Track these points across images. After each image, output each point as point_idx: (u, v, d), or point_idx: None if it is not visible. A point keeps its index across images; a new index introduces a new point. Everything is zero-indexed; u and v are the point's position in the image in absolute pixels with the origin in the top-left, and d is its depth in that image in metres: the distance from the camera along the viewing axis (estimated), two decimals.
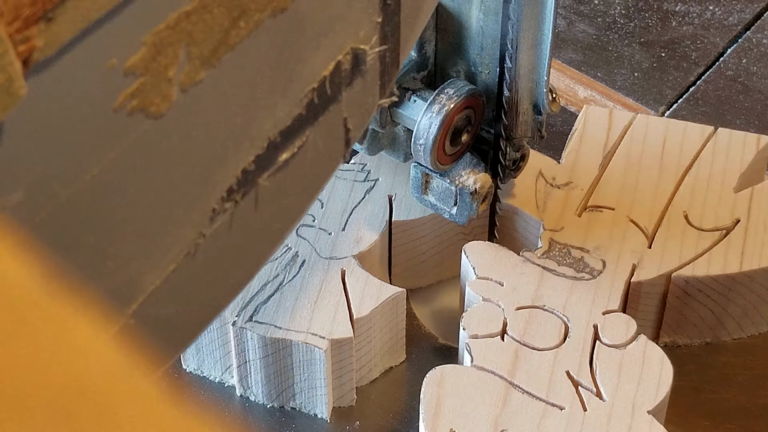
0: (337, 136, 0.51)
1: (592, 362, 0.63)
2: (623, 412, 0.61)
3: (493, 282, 0.67)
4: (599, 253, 0.68)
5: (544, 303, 0.66)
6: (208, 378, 0.70)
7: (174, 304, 0.44)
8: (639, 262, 0.68)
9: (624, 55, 0.89)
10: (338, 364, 0.66)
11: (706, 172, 0.72)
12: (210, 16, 0.39)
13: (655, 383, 0.62)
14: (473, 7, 0.63)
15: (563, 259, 0.68)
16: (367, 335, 0.67)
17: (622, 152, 0.74)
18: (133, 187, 0.39)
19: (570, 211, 0.70)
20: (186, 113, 0.40)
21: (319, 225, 0.70)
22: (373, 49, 0.51)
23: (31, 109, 0.33)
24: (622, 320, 0.65)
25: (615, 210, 0.70)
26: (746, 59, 0.89)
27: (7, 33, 0.31)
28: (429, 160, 0.64)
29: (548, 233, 0.69)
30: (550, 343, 0.64)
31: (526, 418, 0.61)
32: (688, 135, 0.75)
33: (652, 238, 0.69)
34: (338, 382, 0.67)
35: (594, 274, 0.67)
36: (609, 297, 0.66)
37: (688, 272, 0.67)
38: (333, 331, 0.65)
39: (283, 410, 0.69)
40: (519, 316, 0.65)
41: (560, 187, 0.71)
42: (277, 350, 0.65)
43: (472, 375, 0.63)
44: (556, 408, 0.61)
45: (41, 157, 0.35)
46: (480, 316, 0.65)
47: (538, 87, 0.64)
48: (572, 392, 0.62)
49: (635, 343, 0.64)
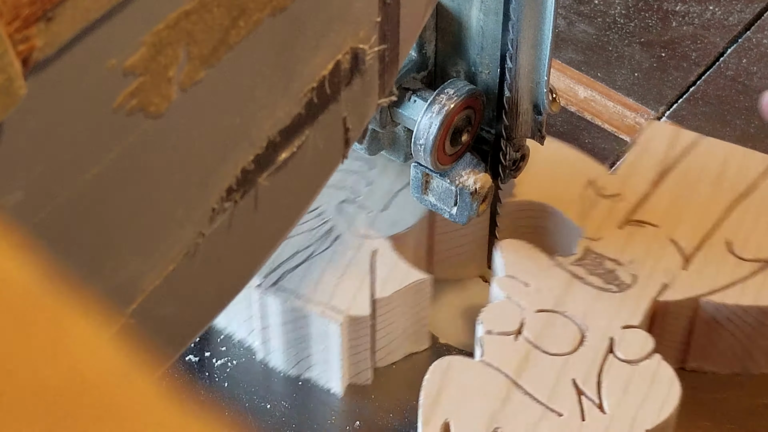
0: (337, 136, 0.51)
1: (601, 374, 0.63)
2: (621, 427, 0.60)
3: (519, 281, 0.66)
4: (632, 267, 0.67)
5: (566, 309, 0.65)
6: (233, 338, 0.70)
7: (174, 304, 0.44)
8: (670, 282, 0.66)
9: (624, 55, 0.89)
10: (355, 341, 0.67)
11: (758, 202, 0.70)
12: (210, 15, 0.39)
13: (660, 403, 0.61)
14: (473, 7, 0.63)
15: (595, 269, 0.67)
16: (388, 317, 0.67)
17: (679, 171, 0.72)
18: (133, 186, 0.39)
19: (612, 222, 0.69)
20: (185, 113, 0.40)
21: (361, 203, 0.71)
22: (373, 49, 0.51)
23: (31, 109, 0.33)
24: (640, 336, 0.64)
25: (658, 227, 0.69)
26: (746, 59, 0.89)
27: (7, 33, 0.30)
28: (429, 160, 0.64)
29: (586, 241, 0.68)
30: (562, 349, 0.64)
31: (522, 420, 0.61)
32: (748, 162, 0.73)
33: (689, 260, 0.67)
34: (354, 359, 0.68)
35: (622, 287, 0.66)
36: (632, 312, 0.65)
37: (718, 299, 0.65)
38: (351, 308, 0.65)
39: (299, 380, 0.69)
40: (537, 319, 0.65)
41: (607, 198, 0.70)
42: (297, 319, 0.66)
43: (477, 369, 0.63)
44: (555, 414, 0.61)
45: (41, 157, 0.35)
46: (498, 313, 0.65)
47: (538, 87, 0.64)
48: (574, 400, 0.62)
49: (648, 361, 0.63)
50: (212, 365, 0.70)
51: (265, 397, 0.69)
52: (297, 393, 0.69)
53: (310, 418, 0.68)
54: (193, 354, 0.71)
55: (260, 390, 0.69)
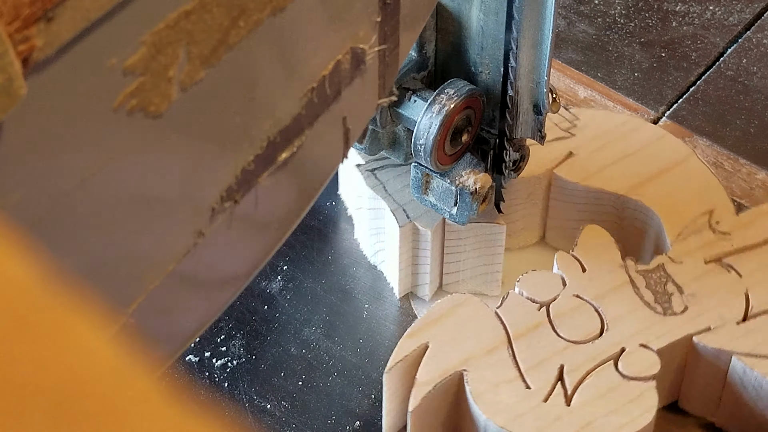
0: (337, 136, 0.51)
1: (590, 373, 0.62)
2: (572, 422, 0.60)
3: (578, 263, 0.67)
4: (690, 300, 0.65)
5: (602, 306, 0.65)
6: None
7: (174, 304, 0.44)
8: (716, 328, 0.64)
9: (624, 55, 0.89)
10: (417, 251, 0.70)
11: None
12: (209, 15, 0.39)
13: (623, 421, 0.60)
14: (473, 7, 0.63)
15: (654, 285, 0.66)
16: (458, 246, 0.70)
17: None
18: (133, 186, 0.39)
19: (702, 255, 0.68)
20: (186, 113, 0.40)
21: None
22: (373, 49, 0.51)
23: (31, 109, 0.33)
24: (649, 358, 0.63)
25: (742, 278, 0.67)
26: (746, 59, 0.89)
27: (7, 32, 0.30)
28: (429, 160, 0.64)
29: (664, 258, 0.68)
30: (572, 336, 0.64)
31: (491, 374, 0.62)
32: None
33: (748, 318, 0.65)
34: (415, 269, 0.72)
35: (667, 312, 0.65)
36: (659, 336, 0.64)
37: (749, 363, 0.63)
38: (420, 219, 0.69)
39: (365, 259, 0.76)
40: (570, 302, 0.65)
41: (716, 233, 0.69)
42: (377, 209, 0.71)
43: (485, 315, 0.64)
44: (523, 384, 0.62)
45: (41, 157, 0.35)
46: (540, 281, 0.66)
47: (538, 87, 0.64)
48: (550, 382, 0.62)
49: (640, 383, 0.62)
50: (212, 365, 0.70)
51: (265, 397, 0.69)
52: (297, 393, 0.69)
53: (310, 418, 0.68)
54: (193, 354, 0.71)
55: (260, 390, 0.69)
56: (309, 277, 0.75)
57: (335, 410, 0.68)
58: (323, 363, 0.70)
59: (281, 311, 0.73)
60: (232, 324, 0.72)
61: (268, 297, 0.74)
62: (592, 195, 0.72)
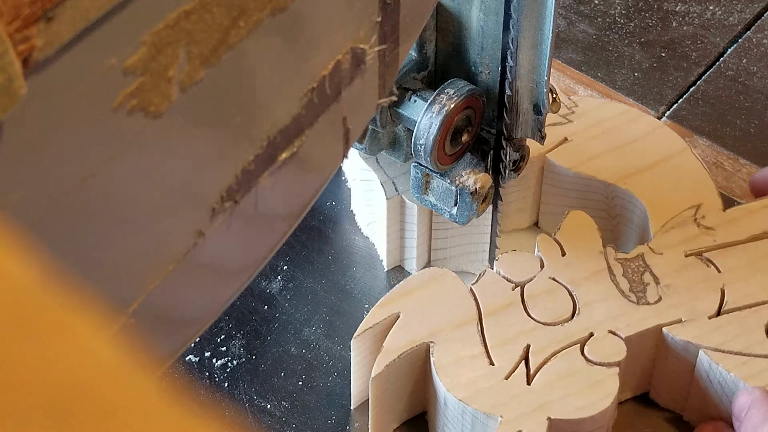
0: (337, 136, 0.51)
1: (555, 355, 0.63)
2: (531, 401, 0.60)
3: (558, 247, 0.67)
4: (665, 291, 0.66)
5: (576, 290, 0.66)
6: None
7: (174, 303, 0.44)
8: (687, 321, 0.64)
9: (624, 55, 0.89)
10: (405, 224, 0.72)
11: None
12: (210, 15, 0.39)
13: (580, 404, 0.60)
14: (473, 7, 0.63)
15: (631, 274, 0.66)
16: (444, 222, 0.71)
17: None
18: (133, 186, 0.39)
19: (683, 247, 0.68)
20: (185, 113, 0.40)
21: None
22: (373, 49, 0.51)
23: (31, 108, 0.33)
24: (615, 345, 0.63)
25: (720, 273, 0.67)
26: (746, 59, 0.89)
27: (7, 32, 0.30)
28: (429, 160, 0.64)
29: (645, 248, 0.68)
30: (543, 317, 0.64)
31: (456, 349, 0.62)
32: None
33: (719, 314, 0.65)
34: (402, 242, 0.73)
35: (641, 301, 0.65)
36: (629, 324, 0.64)
37: (715, 357, 0.63)
38: (407, 193, 0.70)
39: (366, 241, 0.77)
40: (544, 284, 0.66)
41: (700, 227, 0.69)
42: (368, 180, 0.73)
43: (459, 291, 0.65)
44: (488, 360, 0.62)
45: (41, 157, 0.35)
46: (517, 261, 0.67)
47: (538, 87, 0.64)
48: (513, 361, 0.62)
49: (603, 368, 0.62)
50: (212, 365, 0.70)
51: (265, 397, 0.69)
52: (297, 393, 0.69)
53: (310, 418, 0.68)
54: (193, 354, 0.71)
55: (260, 390, 0.69)
56: (309, 277, 0.75)
57: (335, 410, 0.68)
58: (323, 363, 0.70)
59: (281, 311, 0.73)
60: (232, 324, 0.72)
61: (268, 297, 0.74)
62: (583, 182, 0.73)
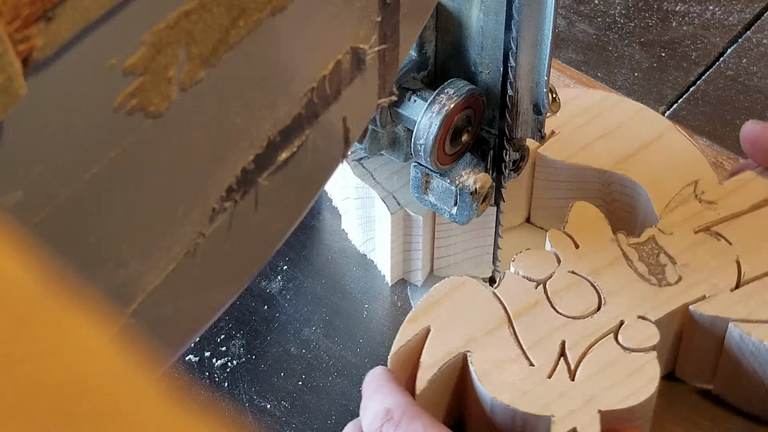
0: (337, 136, 0.51)
1: (592, 347, 0.63)
2: (577, 396, 0.61)
3: (570, 240, 0.67)
4: (683, 270, 0.66)
5: (597, 280, 0.66)
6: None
7: (174, 304, 0.44)
8: (711, 296, 0.65)
9: (624, 55, 0.89)
10: (409, 238, 0.71)
11: None
12: (210, 15, 0.39)
13: (627, 393, 0.61)
14: (473, 7, 0.63)
15: (647, 257, 0.67)
16: (448, 230, 0.71)
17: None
18: (133, 186, 0.39)
19: (691, 224, 0.68)
20: (185, 112, 0.40)
21: None
22: (373, 49, 0.51)
23: (31, 108, 0.33)
24: (648, 329, 0.63)
25: (731, 246, 0.67)
26: (746, 59, 0.89)
27: (7, 32, 0.30)
28: (429, 160, 0.64)
29: (654, 230, 0.68)
30: (571, 312, 0.64)
31: (494, 354, 0.62)
32: None
33: (741, 285, 0.65)
34: (407, 255, 0.73)
35: (662, 283, 0.65)
36: (656, 307, 0.64)
37: (746, 328, 0.63)
38: (410, 205, 0.69)
39: (365, 258, 0.76)
40: (566, 278, 0.66)
41: (702, 202, 0.70)
42: (366, 198, 0.72)
43: (484, 296, 0.65)
44: (527, 361, 0.62)
45: (41, 157, 0.35)
46: (534, 259, 0.67)
47: (538, 87, 0.64)
48: (552, 358, 0.62)
49: (641, 354, 0.62)
50: (212, 365, 0.70)
51: (265, 397, 0.69)
52: (297, 393, 0.69)
53: (310, 418, 0.68)
54: (193, 354, 0.71)
55: (260, 390, 0.69)
56: (309, 277, 0.75)
57: (335, 410, 0.68)
58: (323, 363, 0.70)
59: (281, 311, 0.73)
60: (232, 324, 0.72)
61: (268, 297, 0.74)
62: (578, 172, 0.73)
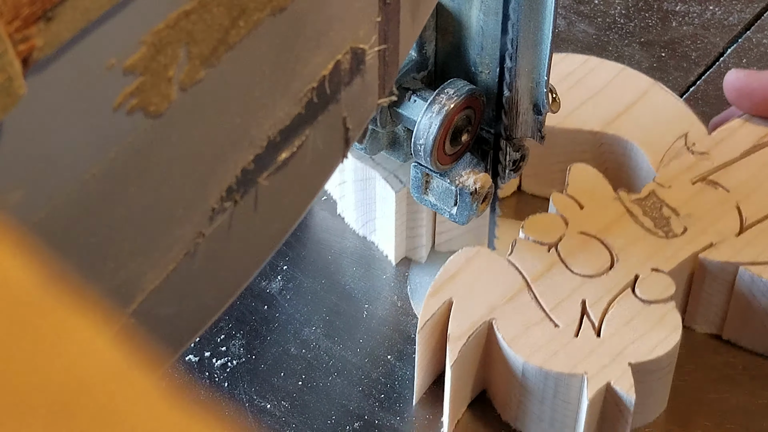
0: (337, 136, 0.51)
1: (612, 303, 0.64)
2: (607, 352, 0.62)
3: (575, 202, 0.68)
4: (688, 220, 0.68)
5: (607, 238, 0.67)
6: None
7: (174, 303, 0.44)
8: (718, 243, 0.67)
9: (624, 55, 0.89)
10: (413, 215, 0.72)
11: None
12: (210, 15, 0.39)
13: (654, 344, 0.62)
14: (473, 7, 0.63)
15: (651, 212, 0.68)
16: None
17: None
18: (133, 186, 0.39)
19: (688, 176, 0.70)
20: (185, 112, 0.40)
21: None
22: (373, 49, 0.51)
23: (31, 108, 0.33)
24: (664, 280, 0.65)
25: (729, 192, 0.69)
26: (746, 59, 0.89)
27: (7, 32, 0.31)
28: (429, 160, 0.64)
29: (654, 185, 0.70)
30: (586, 271, 0.65)
31: (519, 319, 0.63)
32: None
33: (744, 229, 0.68)
34: (411, 233, 0.73)
35: (669, 235, 0.67)
36: (667, 258, 0.66)
37: (756, 271, 0.66)
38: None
39: (365, 240, 0.76)
40: (576, 239, 0.67)
41: (694, 153, 0.72)
42: (366, 179, 0.72)
43: (500, 264, 0.66)
44: (552, 323, 0.63)
45: (41, 157, 0.35)
46: (542, 224, 0.67)
47: (538, 87, 0.64)
48: (576, 317, 0.63)
49: (661, 305, 0.64)
50: (212, 365, 0.70)
51: (265, 397, 0.69)
52: (297, 393, 0.69)
53: (310, 418, 0.68)
54: (193, 354, 0.71)
55: (260, 390, 0.69)
56: (309, 277, 0.75)
57: (335, 410, 0.68)
58: (323, 363, 0.70)
59: (281, 311, 0.73)
60: (232, 324, 0.72)
61: (268, 297, 0.74)
62: (569, 136, 0.74)
